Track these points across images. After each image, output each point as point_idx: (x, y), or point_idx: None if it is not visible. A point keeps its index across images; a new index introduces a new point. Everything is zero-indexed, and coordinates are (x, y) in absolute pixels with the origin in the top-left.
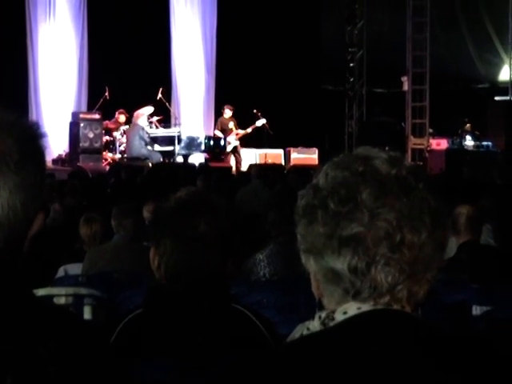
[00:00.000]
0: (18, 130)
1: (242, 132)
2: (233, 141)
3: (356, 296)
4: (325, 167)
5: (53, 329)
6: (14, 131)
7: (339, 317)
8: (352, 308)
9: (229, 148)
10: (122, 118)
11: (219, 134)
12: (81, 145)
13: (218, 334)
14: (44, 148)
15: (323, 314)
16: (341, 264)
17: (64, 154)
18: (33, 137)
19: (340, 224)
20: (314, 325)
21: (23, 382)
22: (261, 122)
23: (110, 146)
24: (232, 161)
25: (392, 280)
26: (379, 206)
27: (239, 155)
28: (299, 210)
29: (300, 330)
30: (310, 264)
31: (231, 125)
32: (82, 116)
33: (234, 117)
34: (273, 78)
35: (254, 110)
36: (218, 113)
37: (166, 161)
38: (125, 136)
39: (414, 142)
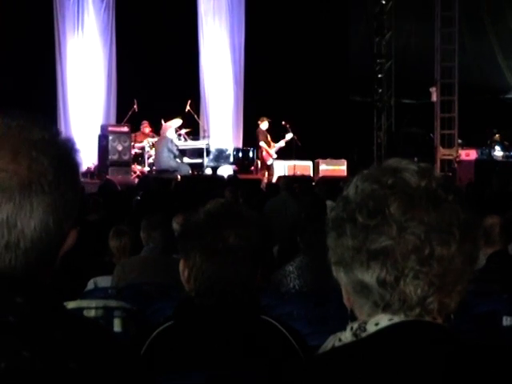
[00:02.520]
0: (53, 150)
1: (277, 146)
2: (274, 154)
3: (386, 309)
4: (355, 179)
5: (83, 343)
6: (50, 151)
7: (371, 328)
8: (384, 319)
9: (270, 161)
10: (146, 130)
11: (264, 145)
12: (110, 157)
13: (248, 347)
14: (79, 165)
15: (355, 325)
16: (370, 277)
17: (93, 166)
18: (68, 155)
19: (368, 237)
20: (346, 336)
21: None
22: (289, 136)
23: (139, 158)
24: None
25: (421, 293)
26: (408, 219)
27: (272, 168)
28: (329, 223)
29: (332, 341)
30: (341, 276)
31: (269, 137)
32: (110, 129)
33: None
34: (301, 90)
35: (283, 122)
36: (247, 125)
37: (195, 173)
38: (153, 148)
39: (442, 152)
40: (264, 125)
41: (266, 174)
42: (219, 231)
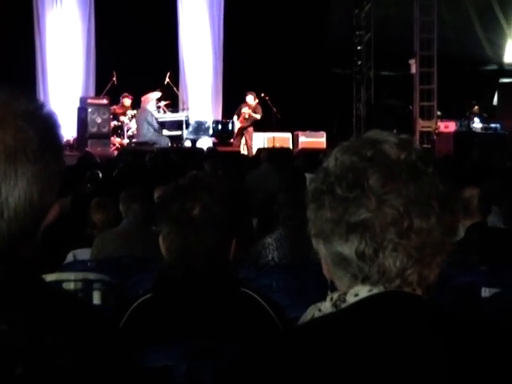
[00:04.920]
0: (38, 121)
1: (244, 116)
2: (237, 125)
3: (365, 281)
4: (335, 151)
5: (62, 316)
6: (35, 121)
7: (350, 299)
8: (363, 290)
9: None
10: (128, 102)
11: (235, 119)
12: (89, 130)
13: (226, 319)
14: (62, 138)
15: (335, 296)
16: (348, 249)
17: (72, 139)
18: (52, 127)
19: (347, 210)
20: (326, 306)
21: (34, 371)
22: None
23: (118, 130)
24: (242, 144)
25: (400, 265)
26: (386, 191)
27: (248, 139)
28: (309, 194)
29: (311, 312)
30: (320, 248)
31: (245, 110)
32: (89, 101)
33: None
34: (281, 62)
35: (262, 94)
36: (226, 97)
37: (174, 145)
38: (132, 121)
39: (422, 124)
40: (247, 99)
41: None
42: (183, 203)
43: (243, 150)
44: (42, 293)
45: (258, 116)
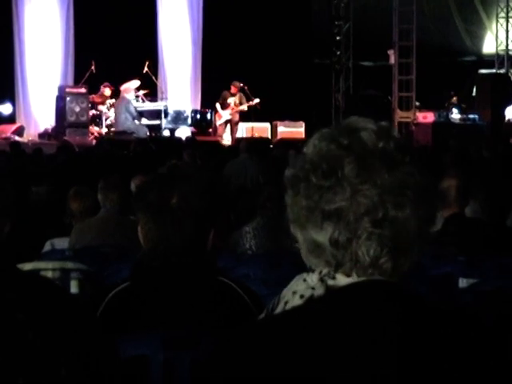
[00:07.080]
0: None
1: (237, 108)
2: (226, 115)
3: (338, 268)
4: (313, 137)
5: (35, 298)
6: None
7: (341, 276)
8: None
9: (220, 121)
10: (107, 92)
11: (218, 107)
12: (67, 119)
13: (203, 307)
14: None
15: (324, 270)
16: (322, 237)
17: (50, 128)
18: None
19: (322, 198)
20: (313, 278)
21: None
22: (255, 101)
23: (97, 120)
24: (227, 134)
25: (374, 254)
26: (361, 181)
27: (235, 131)
28: (286, 181)
29: (295, 282)
30: (297, 234)
31: (230, 100)
32: (68, 90)
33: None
34: (259, 52)
35: (245, 87)
36: (205, 86)
37: (153, 135)
38: (111, 110)
39: (400, 115)
40: (232, 89)
41: (225, 133)
42: (161, 193)
43: (226, 141)
44: (11, 275)
45: (245, 107)
